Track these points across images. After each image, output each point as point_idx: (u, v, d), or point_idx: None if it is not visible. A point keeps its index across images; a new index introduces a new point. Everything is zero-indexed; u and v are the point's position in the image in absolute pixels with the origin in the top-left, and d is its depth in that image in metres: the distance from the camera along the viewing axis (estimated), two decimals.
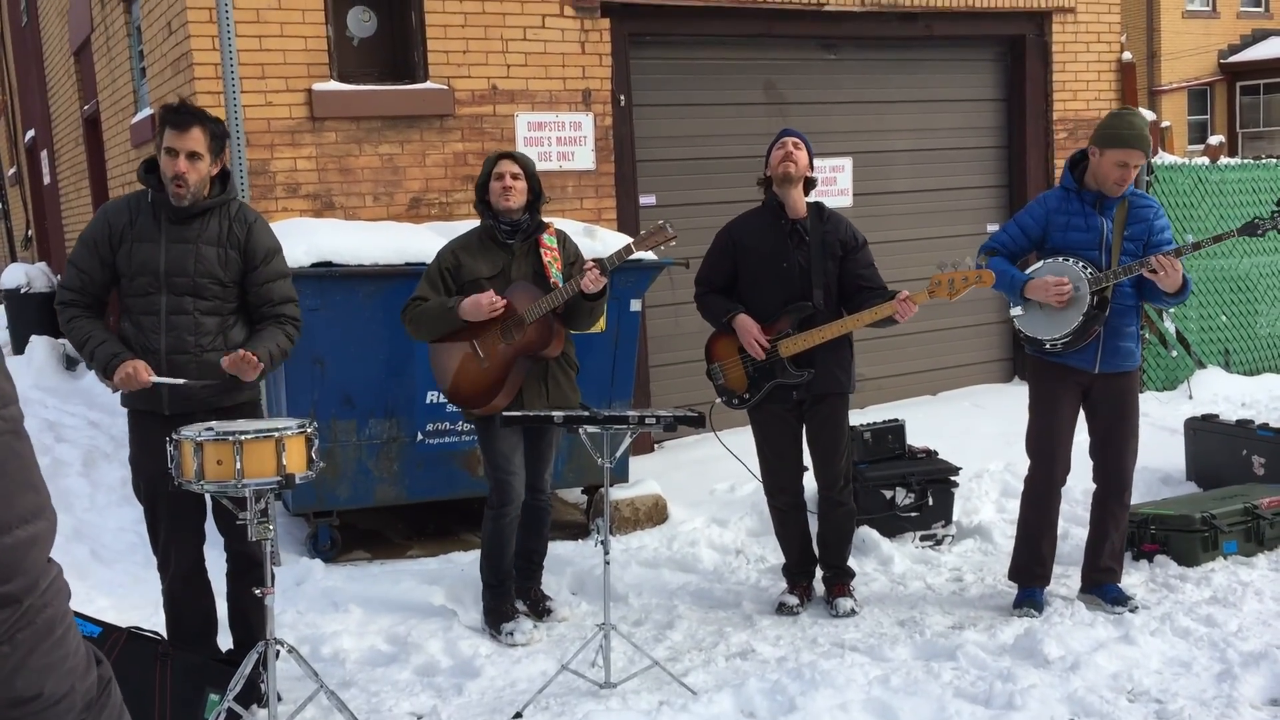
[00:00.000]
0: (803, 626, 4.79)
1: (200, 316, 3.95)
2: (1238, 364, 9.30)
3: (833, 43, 8.20)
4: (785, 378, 4.80)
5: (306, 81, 6.55)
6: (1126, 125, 4.55)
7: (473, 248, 4.73)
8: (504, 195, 4.63)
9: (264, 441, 3.58)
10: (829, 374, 4.82)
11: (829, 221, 4.87)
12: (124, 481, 6.50)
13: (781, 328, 4.79)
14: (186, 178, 3.86)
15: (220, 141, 3.96)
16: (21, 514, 1.21)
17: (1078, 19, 8.89)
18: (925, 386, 8.79)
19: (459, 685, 4.27)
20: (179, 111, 3.89)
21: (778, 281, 4.80)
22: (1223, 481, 6.16)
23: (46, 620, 1.24)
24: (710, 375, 5.02)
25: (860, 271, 4.84)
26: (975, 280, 4.59)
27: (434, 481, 5.81)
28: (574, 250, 4.86)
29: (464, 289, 4.66)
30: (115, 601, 4.99)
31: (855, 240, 4.87)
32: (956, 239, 8.51)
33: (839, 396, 4.89)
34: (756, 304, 4.83)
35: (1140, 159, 4.55)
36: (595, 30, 7.21)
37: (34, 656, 1.22)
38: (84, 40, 9.96)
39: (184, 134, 3.85)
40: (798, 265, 4.79)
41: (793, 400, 4.86)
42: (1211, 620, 4.53)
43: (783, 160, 4.78)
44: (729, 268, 4.91)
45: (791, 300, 4.79)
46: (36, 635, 1.23)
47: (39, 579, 1.24)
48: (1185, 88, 27.56)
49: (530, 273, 4.70)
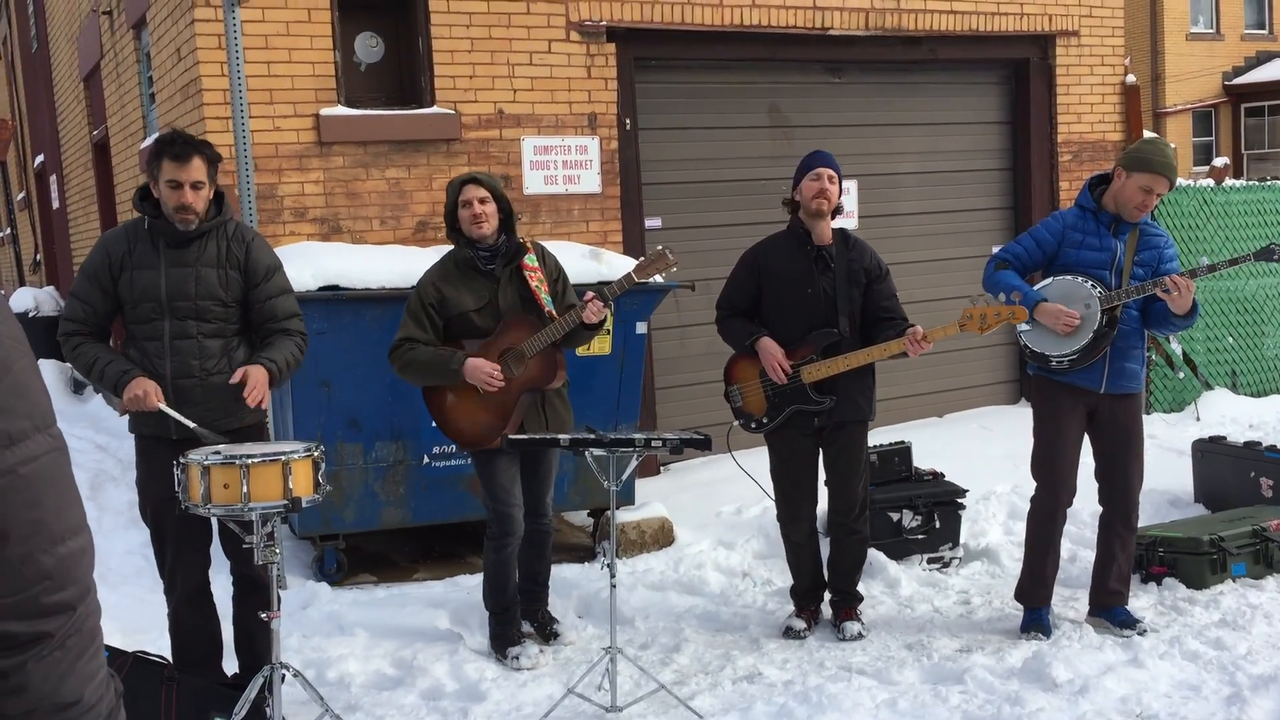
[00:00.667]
0: (810, 650, 4.77)
1: (204, 340, 3.97)
2: (1245, 385, 9.28)
3: (837, 66, 8.24)
4: (806, 404, 4.78)
5: (314, 106, 6.59)
6: (1158, 153, 4.59)
7: (453, 278, 4.60)
8: (475, 224, 4.51)
9: (271, 465, 3.59)
10: (851, 401, 4.80)
11: (854, 249, 4.86)
12: (130, 505, 6.51)
13: (805, 353, 4.77)
14: (194, 206, 3.89)
15: (216, 165, 3.98)
16: (71, 526, 1.29)
17: (1081, 42, 8.92)
18: (932, 408, 8.78)
19: (465, 709, 4.26)
20: (176, 143, 3.88)
21: (803, 307, 4.79)
22: (1231, 504, 6.14)
23: (91, 628, 1.32)
24: (729, 397, 5.01)
25: (884, 303, 4.83)
26: (1009, 316, 4.56)
27: (440, 504, 5.81)
28: (554, 264, 4.77)
29: (452, 323, 4.58)
30: (121, 625, 4.97)
31: (879, 269, 4.87)
32: (962, 260, 8.53)
33: (859, 424, 4.88)
34: (780, 328, 4.82)
35: (1165, 187, 4.58)
36: (601, 54, 7.25)
37: (80, 663, 1.29)
38: (94, 66, 10.03)
39: (186, 165, 3.86)
40: (823, 292, 4.78)
41: (813, 426, 4.85)
42: (1220, 643, 4.51)
43: (817, 195, 4.76)
44: (753, 291, 4.90)
45: (816, 326, 4.78)
46: (84, 642, 1.30)
47: (89, 587, 1.31)
48: (1190, 110, 27.60)
49: (517, 299, 4.60)
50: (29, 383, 1.26)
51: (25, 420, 1.24)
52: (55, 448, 1.28)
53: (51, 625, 1.25)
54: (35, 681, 1.25)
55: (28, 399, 1.25)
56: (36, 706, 1.26)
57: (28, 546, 1.23)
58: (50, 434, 1.28)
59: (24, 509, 1.22)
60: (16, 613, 1.23)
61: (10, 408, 1.23)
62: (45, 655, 1.25)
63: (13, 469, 1.21)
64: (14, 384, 1.24)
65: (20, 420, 1.23)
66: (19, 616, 1.23)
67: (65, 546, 1.27)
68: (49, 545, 1.25)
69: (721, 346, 5.11)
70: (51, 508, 1.26)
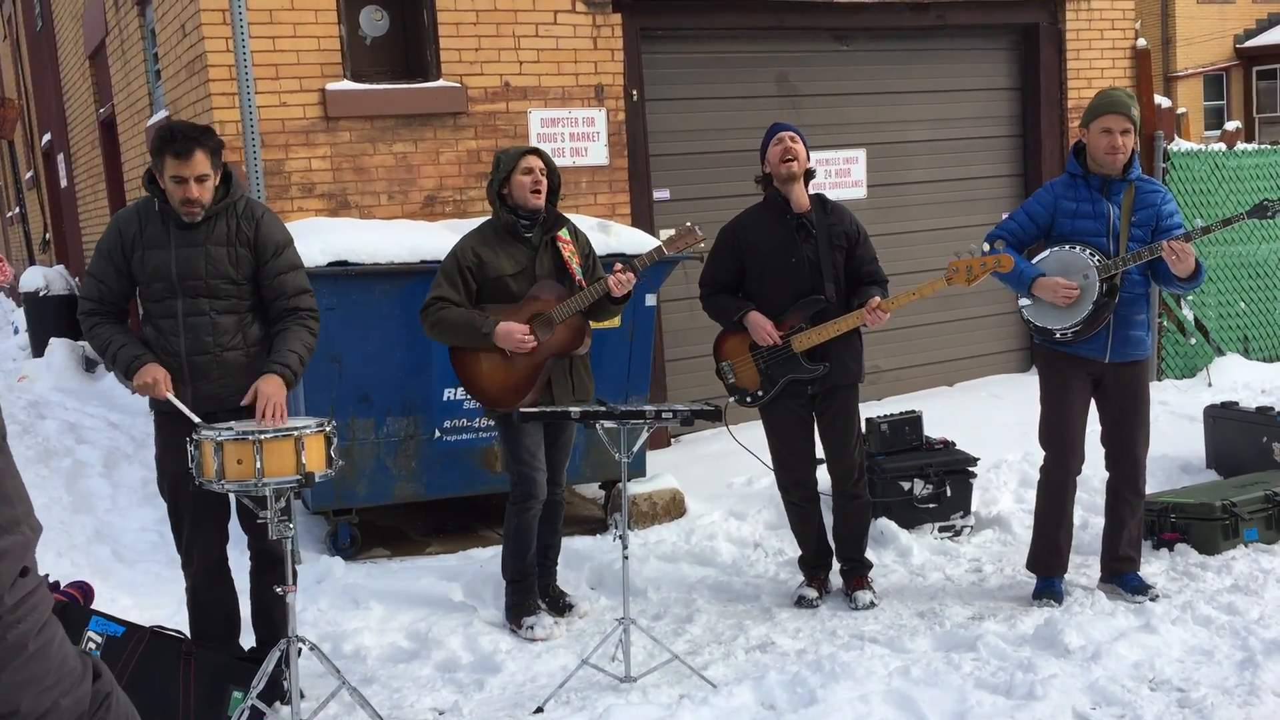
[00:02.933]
0: (822, 619, 4.79)
1: (217, 317, 3.98)
2: (1257, 351, 9.24)
3: (845, 34, 8.18)
4: (799, 373, 4.79)
5: (320, 81, 6.57)
6: (1101, 96, 4.61)
7: (491, 243, 4.70)
8: (535, 192, 4.62)
9: (283, 441, 3.61)
10: (842, 365, 4.82)
11: (833, 213, 4.87)
12: (145, 482, 6.55)
13: (794, 322, 4.78)
14: (200, 200, 3.88)
15: (219, 153, 3.96)
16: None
17: (1091, 6, 8.84)
18: (942, 377, 8.77)
19: (480, 681, 4.29)
20: (177, 139, 3.83)
21: (787, 277, 4.79)
22: (1243, 469, 6.13)
23: (18, 637, 1.20)
24: (720, 374, 5.02)
25: (866, 267, 4.86)
26: (994, 265, 4.57)
27: (452, 478, 5.83)
28: (585, 242, 4.88)
29: (487, 286, 4.65)
30: (138, 601, 5.03)
31: (858, 233, 4.88)
32: (973, 228, 8.48)
33: (850, 388, 4.89)
34: (766, 301, 4.82)
35: (1122, 123, 4.53)
36: (607, 25, 7.21)
37: (5, 674, 1.19)
38: (99, 44, 10.01)
39: (188, 161, 3.83)
40: (807, 259, 4.78)
41: (806, 395, 4.86)
42: (1233, 608, 4.52)
43: (783, 158, 4.76)
44: (736, 267, 4.90)
45: (802, 295, 4.78)
46: (6, 653, 1.20)
47: (2, 595, 1.20)
48: (1201, 73, 27.37)
49: (552, 268, 4.70)
50: None
51: None
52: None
53: None
54: None
55: None
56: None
57: None
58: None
59: None
60: None
61: None
62: None
63: None
64: None
65: None
66: None
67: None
68: None
69: None
70: None
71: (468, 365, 4.73)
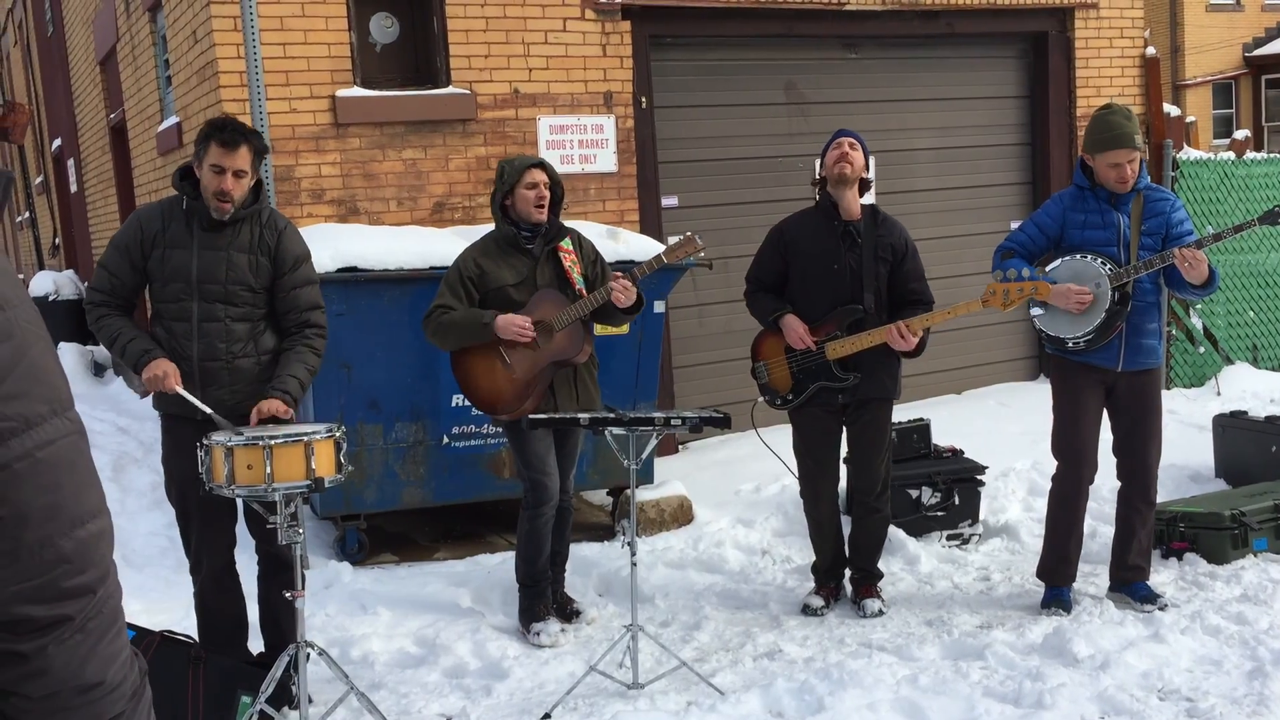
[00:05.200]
0: (830, 627, 4.78)
1: (231, 323, 3.99)
2: (1266, 360, 9.22)
3: (854, 42, 8.19)
4: (830, 381, 4.78)
5: (330, 88, 6.59)
6: (1107, 127, 4.52)
7: (493, 254, 4.71)
8: (539, 206, 4.63)
9: (293, 446, 3.61)
10: (876, 379, 4.78)
11: (883, 225, 4.83)
12: (153, 486, 6.56)
13: (830, 329, 4.76)
14: (232, 194, 3.90)
15: (261, 156, 4.00)
16: (90, 509, 1.30)
17: (1100, 14, 8.84)
18: (950, 385, 8.77)
19: (488, 687, 4.29)
20: (227, 129, 3.88)
21: (828, 283, 4.77)
22: (1252, 478, 6.11)
23: (112, 610, 1.32)
24: (754, 374, 5.02)
25: (911, 284, 4.80)
26: (1031, 291, 4.53)
27: (460, 484, 5.83)
28: (590, 249, 4.88)
29: (489, 297, 4.66)
30: (147, 605, 5.03)
31: (907, 247, 4.83)
32: (980, 237, 8.48)
33: (883, 402, 4.86)
34: (805, 305, 4.81)
35: (1131, 155, 4.52)
36: (616, 33, 7.23)
37: (102, 645, 1.30)
38: (110, 49, 10.05)
39: (233, 153, 3.86)
40: (849, 268, 4.75)
41: (837, 404, 4.84)
42: (1242, 618, 4.50)
43: (838, 161, 4.73)
44: (780, 266, 4.88)
45: (841, 302, 4.76)
46: (105, 624, 1.31)
47: (109, 570, 1.32)
48: (1210, 82, 27.34)
49: (553, 277, 4.71)
50: (46, 365, 1.27)
51: (43, 404, 1.24)
52: (73, 431, 1.28)
53: (71, 609, 1.26)
54: (57, 665, 1.26)
55: (45, 382, 1.25)
56: (59, 689, 1.27)
57: (46, 530, 1.23)
58: (68, 417, 1.28)
59: (42, 493, 1.23)
60: (36, 597, 1.23)
61: (26, 391, 1.23)
62: (66, 639, 1.26)
63: (30, 453, 1.22)
64: (30, 368, 1.24)
65: (37, 404, 1.24)
66: (39, 600, 1.24)
67: (84, 530, 1.28)
68: (68, 529, 1.25)
69: (739, 325, 5.13)
70: (70, 492, 1.26)
71: (467, 371, 4.74)
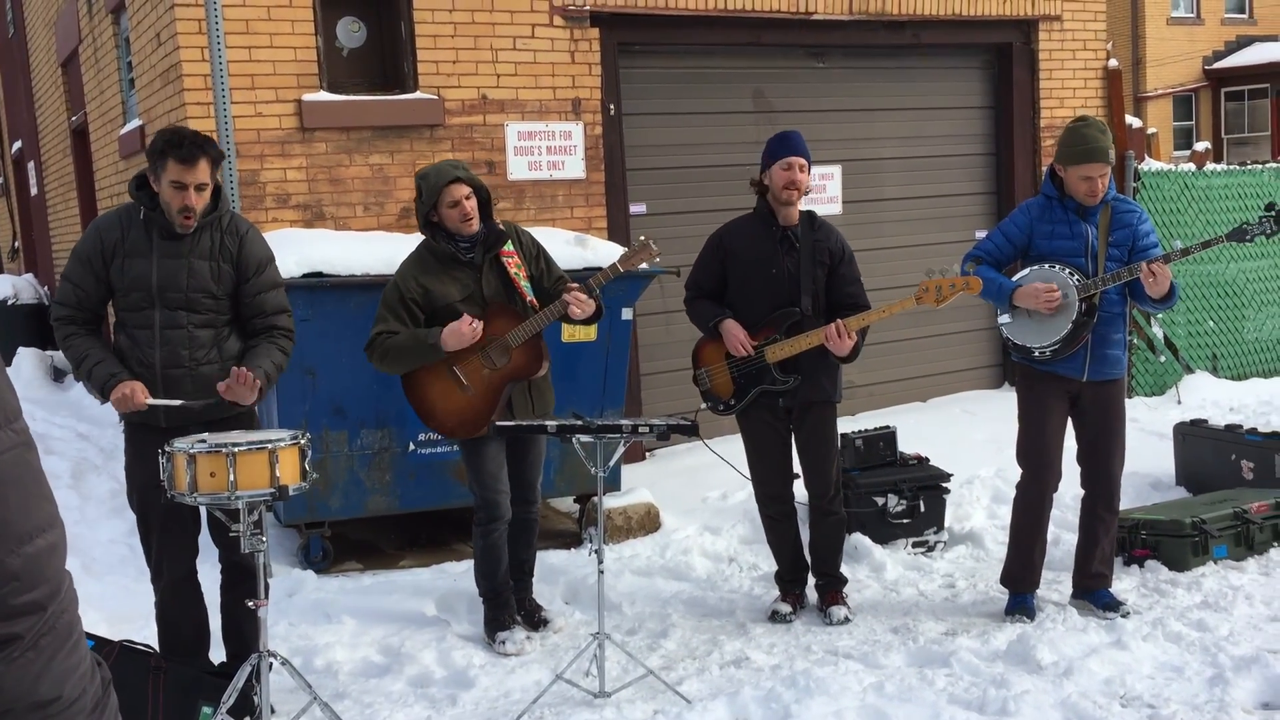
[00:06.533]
0: (796, 634, 4.79)
1: (194, 330, 3.95)
2: (1225, 369, 9.34)
3: (821, 51, 8.23)
4: (771, 384, 4.80)
5: (296, 92, 6.55)
6: (1082, 140, 4.55)
7: (433, 269, 4.55)
8: (465, 222, 4.48)
9: (257, 453, 3.58)
10: (816, 383, 4.82)
11: (820, 230, 4.88)
12: (113, 494, 6.49)
13: (768, 334, 4.79)
14: (196, 208, 3.85)
15: (219, 164, 3.94)
16: (39, 524, 1.26)
17: (1064, 27, 8.93)
18: (916, 393, 8.82)
19: (453, 696, 4.26)
20: (184, 145, 3.80)
21: (766, 288, 4.81)
22: (1212, 486, 6.19)
23: (65, 625, 1.29)
24: (696, 380, 5.03)
25: (848, 288, 4.85)
26: (963, 286, 4.61)
27: (426, 492, 5.80)
28: (530, 242, 4.75)
29: (436, 315, 4.52)
30: (106, 614, 4.95)
31: (844, 252, 4.88)
32: (946, 245, 8.55)
33: (826, 405, 4.90)
34: (745, 309, 4.83)
35: (1103, 170, 4.55)
36: (585, 39, 7.23)
37: (55, 661, 1.27)
38: (72, 51, 9.93)
39: (192, 168, 3.80)
40: (787, 272, 4.80)
41: (780, 408, 4.87)
42: (1203, 625, 4.55)
43: (788, 185, 4.75)
44: (719, 272, 4.91)
45: (779, 307, 4.80)
46: (58, 640, 1.28)
47: (60, 586, 1.29)
48: (1170, 94, 27.70)
49: (500, 286, 4.59)
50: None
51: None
52: (18, 444, 1.24)
53: (21, 627, 1.23)
54: (8, 683, 1.23)
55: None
56: (13, 706, 1.24)
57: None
58: (13, 429, 1.24)
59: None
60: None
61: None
62: (16, 657, 1.23)
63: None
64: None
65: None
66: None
67: (32, 545, 1.23)
68: (14, 545, 1.22)
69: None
70: (16, 506, 1.22)
71: (422, 395, 4.62)
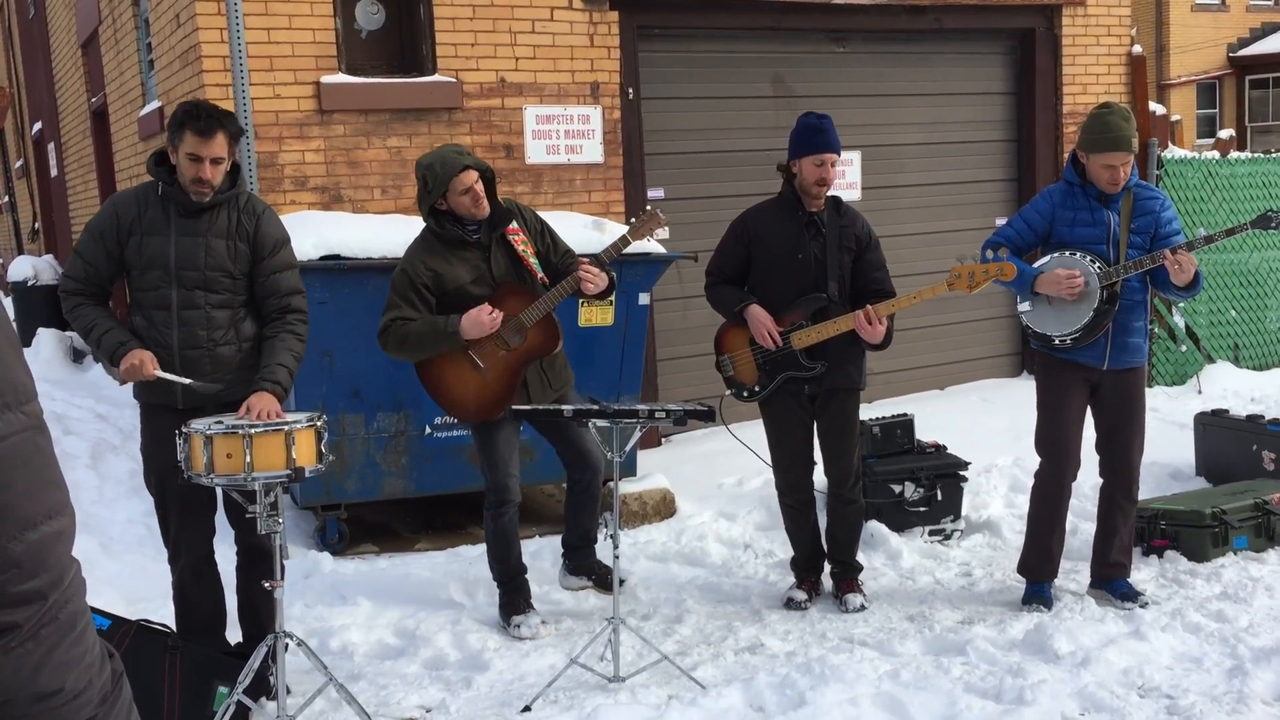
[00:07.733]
0: (811, 621, 4.78)
1: (211, 310, 3.94)
2: (1247, 359, 9.27)
3: (842, 36, 8.17)
4: (797, 370, 4.78)
5: (315, 74, 6.54)
6: (1105, 128, 4.50)
7: (440, 252, 4.51)
8: (477, 206, 4.46)
9: (274, 435, 3.58)
10: (841, 369, 4.79)
11: (845, 215, 4.84)
12: (132, 474, 6.51)
13: (794, 319, 4.75)
14: (211, 180, 3.85)
15: (237, 139, 3.94)
16: (46, 510, 1.22)
17: (1088, 12, 8.85)
18: (934, 381, 8.78)
19: (467, 678, 4.27)
20: (202, 117, 3.79)
21: (792, 273, 4.76)
22: (1233, 477, 6.14)
23: (69, 615, 1.25)
24: (719, 367, 5.00)
25: (874, 274, 4.81)
26: (997, 273, 4.56)
27: (442, 475, 5.81)
28: (534, 218, 4.71)
29: (448, 298, 4.49)
30: (124, 594, 4.99)
31: (869, 238, 4.84)
32: (966, 232, 8.50)
33: (850, 392, 4.86)
34: (769, 295, 4.79)
35: (1126, 159, 4.51)
36: (604, 23, 7.19)
37: (57, 652, 1.24)
38: (92, 33, 9.95)
39: (209, 141, 3.79)
40: (813, 258, 4.75)
41: (804, 394, 4.84)
42: (1222, 616, 4.52)
43: (818, 182, 4.71)
44: (743, 257, 4.86)
45: (805, 292, 4.76)
46: (60, 631, 1.24)
47: (63, 574, 1.25)
48: (1194, 81, 27.46)
49: (508, 265, 4.56)
50: (1, 357, 1.19)
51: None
52: (28, 426, 1.20)
53: (20, 615, 1.19)
54: (6, 674, 1.20)
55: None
56: (12, 698, 1.21)
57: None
58: (23, 411, 1.20)
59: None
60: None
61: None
62: (14, 647, 1.19)
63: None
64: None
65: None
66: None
67: (37, 532, 1.20)
68: (17, 531, 1.18)
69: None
70: (21, 491, 1.18)
71: (437, 379, 4.59)
